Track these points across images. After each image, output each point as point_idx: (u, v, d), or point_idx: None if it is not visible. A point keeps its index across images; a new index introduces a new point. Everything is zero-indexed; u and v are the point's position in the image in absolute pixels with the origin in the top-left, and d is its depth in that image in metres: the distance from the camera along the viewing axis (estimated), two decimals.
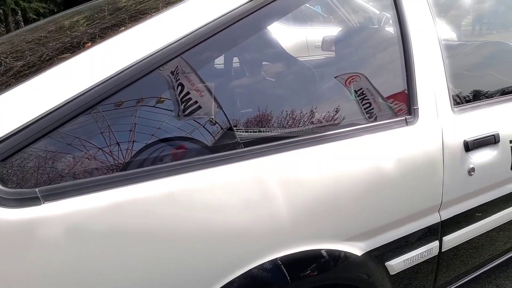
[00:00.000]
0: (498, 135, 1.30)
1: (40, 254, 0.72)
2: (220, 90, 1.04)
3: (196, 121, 0.94)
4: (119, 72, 0.83)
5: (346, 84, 1.18)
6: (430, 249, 1.25)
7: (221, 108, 0.98)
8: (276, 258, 0.95)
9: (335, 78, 1.24)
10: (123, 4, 1.30)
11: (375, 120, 1.14)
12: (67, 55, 0.89)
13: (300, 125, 1.05)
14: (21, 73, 0.92)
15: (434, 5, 1.26)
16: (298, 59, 1.77)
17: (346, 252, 1.06)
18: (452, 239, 1.30)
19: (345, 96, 1.21)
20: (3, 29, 7.45)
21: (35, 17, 6.95)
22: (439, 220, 1.24)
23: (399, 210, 1.14)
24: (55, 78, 0.81)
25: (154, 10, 1.01)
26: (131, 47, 0.87)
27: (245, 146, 0.94)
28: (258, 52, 1.42)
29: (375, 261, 1.14)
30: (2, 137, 0.73)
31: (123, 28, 0.94)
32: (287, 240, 0.97)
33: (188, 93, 0.92)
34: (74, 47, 0.97)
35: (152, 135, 0.88)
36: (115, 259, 0.78)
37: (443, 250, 1.29)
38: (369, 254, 1.11)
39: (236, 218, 0.89)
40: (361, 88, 1.17)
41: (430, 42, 1.21)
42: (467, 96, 1.37)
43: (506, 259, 1.65)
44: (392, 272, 1.19)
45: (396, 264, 1.19)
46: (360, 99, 1.16)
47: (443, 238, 1.28)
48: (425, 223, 1.22)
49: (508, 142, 1.34)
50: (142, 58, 0.85)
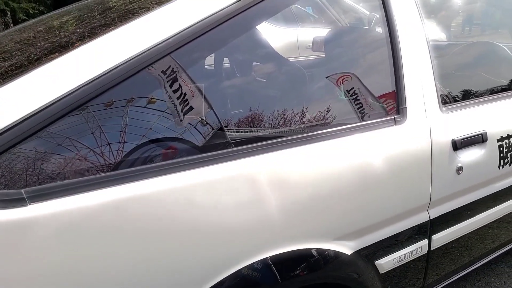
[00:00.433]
0: (486, 134, 1.31)
1: (26, 255, 0.71)
2: (209, 90, 1.03)
3: (185, 120, 0.94)
4: (107, 71, 0.82)
5: (337, 84, 1.19)
6: (419, 247, 1.26)
7: (210, 108, 0.98)
8: (266, 258, 0.95)
9: (326, 78, 1.25)
10: (113, 4, 1.29)
11: (364, 119, 1.14)
12: (56, 54, 0.89)
13: (289, 124, 1.06)
14: (8, 73, 0.91)
15: (423, 6, 1.27)
16: (289, 59, 1.78)
17: (335, 251, 1.06)
18: (441, 238, 1.31)
19: (334, 96, 1.22)
20: None
21: (25, 18, 6.89)
22: (428, 219, 1.25)
23: (388, 209, 1.15)
24: (42, 78, 0.80)
25: (144, 9, 1.01)
26: (119, 47, 0.87)
27: (234, 146, 0.94)
28: (247, 53, 1.42)
29: (365, 260, 1.14)
30: None
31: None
32: (277, 240, 0.97)
33: (177, 92, 0.92)
34: (63, 47, 0.97)
35: (141, 135, 0.88)
36: (103, 260, 0.78)
37: (432, 249, 1.30)
38: (358, 253, 1.12)
39: (225, 218, 0.89)
40: (351, 88, 1.18)
41: (418, 42, 1.22)
42: (455, 95, 1.38)
43: (495, 257, 1.67)
44: (381, 271, 1.20)
45: (386, 263, 1.19)
46: (350, 99, 1.17)
47: (432, 236, 1.29)
48: (414, 222, 1.22)
49: (496, 141, 1.35)
50: (130, 58, 0.85)
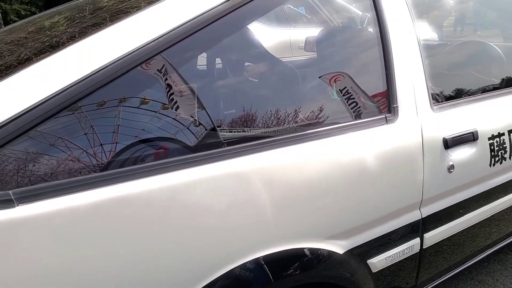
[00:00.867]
0: (477, 132, 1.32)
1: (14, 256, 0.71)
2: (201, 89, 1.03)
3: (176, 120, 0.93)
4: (96, 71, 0.82)
5: (330, 83, 1.19)
6: (411, 246, 1.27)
7: (202, 108, 0.97)
8: (258, 258, 0.95)
9: (319, 78, 1.25)
10: (104, 4, 1.29)
11: (355, 118, 1.15)
12: (46, 54, 0.88)
13: (281, 124, 1.06)
14: None
15: (414, 6, 1.27)
16: (281, 59, 1.78)
17: (328, 251, 1.06)
18: (433, 236, 1.32)
19: (326, 95, 1.22)
20: None
21: (17, 19, 6.83)
22: (420, 217, 1.26)
23: (380, 208, 1.15)
24: (30, 78, 0.80)
25: (136, 8, 1.00)
26: (108, 46, 0.86)
27: (226, 146, 0.94)
28: (239, 53, 1.42)
29: (357, 259, 1.14)
30: None
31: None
32: (269, 239, 0.97)
33: (167, 92, 0.92)
34: (53, 47, 0.96)
35: (132, 135, 0.88)
36: (93, 261, 0.77)
37: (424, 247, 1.31)
38: (351, 252, 1.12)
39: (217, 218, 0.89)
40: (344, 88, 1.18)
41: (409, 42, 1.23)
42: (447, 94, 1.39)
43: (487, 255, 1.68)
44: (374, 270, 1.20)
45: (378, 261, 1.20)
46: (342, 98, 1.17)
47: (424, 235, 1.29)
48: (406, 221, 1.23)
49: (487, 139, 1.36)
50: (119, 57, 0.84)
